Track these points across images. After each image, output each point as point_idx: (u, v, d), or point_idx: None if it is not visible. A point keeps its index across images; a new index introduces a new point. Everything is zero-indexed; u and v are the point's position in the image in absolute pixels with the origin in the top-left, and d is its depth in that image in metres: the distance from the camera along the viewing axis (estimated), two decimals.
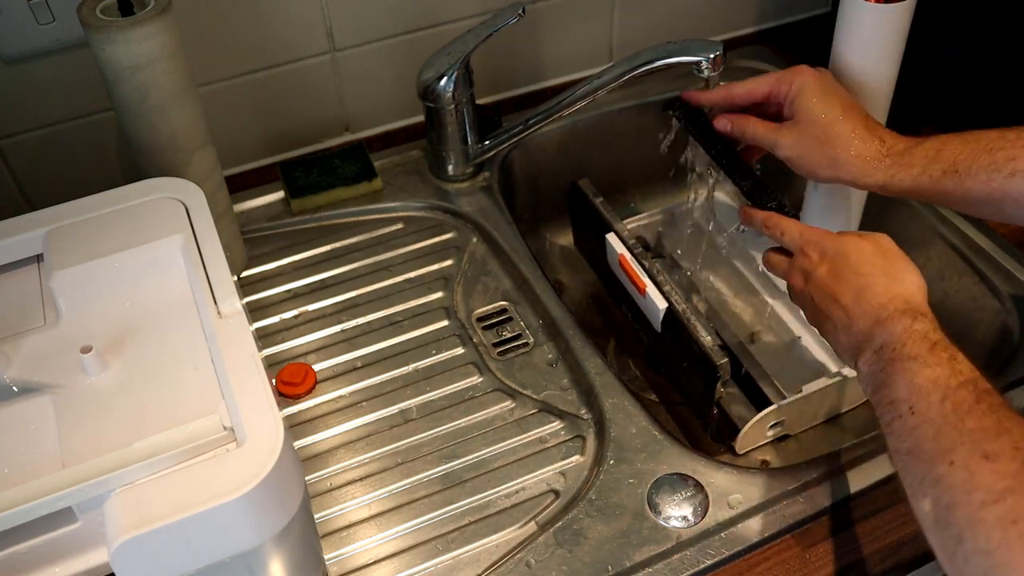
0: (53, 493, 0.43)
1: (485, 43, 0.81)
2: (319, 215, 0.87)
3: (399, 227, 0.87)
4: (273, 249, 0.84)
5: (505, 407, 0.71)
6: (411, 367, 0.74)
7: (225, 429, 0.47)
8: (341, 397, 0.72)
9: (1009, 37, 0.89)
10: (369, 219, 0.87)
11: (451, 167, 0.89)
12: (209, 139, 0.75)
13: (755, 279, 0.90)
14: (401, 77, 0.93)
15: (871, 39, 0.71)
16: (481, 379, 0.73)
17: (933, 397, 0.50)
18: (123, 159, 0.87)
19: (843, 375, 0.76)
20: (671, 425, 0.84)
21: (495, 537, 0.62)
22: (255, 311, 0.79)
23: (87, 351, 0.50)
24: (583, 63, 1.02)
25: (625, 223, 0.83)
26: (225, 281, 0.54)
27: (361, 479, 0.67)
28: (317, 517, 0.64)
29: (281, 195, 0.89)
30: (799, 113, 0.69)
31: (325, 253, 0.84)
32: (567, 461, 0.67)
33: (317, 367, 0.74)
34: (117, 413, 0.49)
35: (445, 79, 0.83)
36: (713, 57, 0.74)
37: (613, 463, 0.66)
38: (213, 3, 0.81)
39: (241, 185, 0.90)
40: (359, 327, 0.78)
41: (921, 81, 0.85)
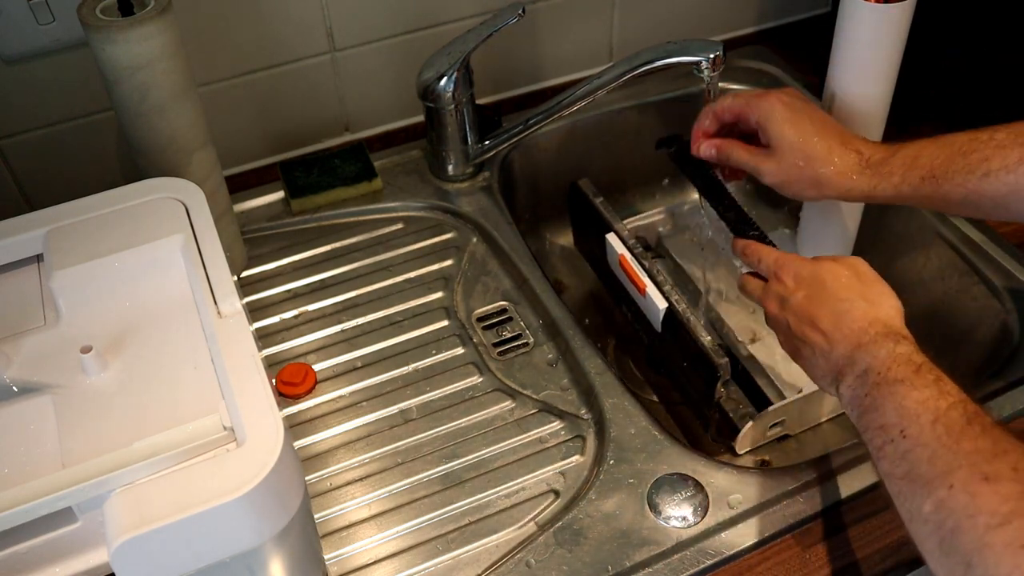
0: (53, 493, 0.43)
1: (485, 43, 0.81)
2: (319, 215, 0.87)
3: (399, 227, 0.87)
4: (273, 249, 0.84)
5: (505, 407, 0.71)
6: (411, 367, 0.74)
7: (225, 429, 0.47)
8: (341, 397, 0.72)
9: (1009, 37, 0.89)
10: (369, 219, 0.87)
11: (451, 167, 0.89)
12: (209, 139, 0.75)
13: None
14: (401, 77, 0.93)
15: (871, 39, 0.71)
16: (481, 379, 0.73)
17: (924, 419, 0.49)
18: (123, 159, 0.87)
19: None
20: (671, 425, 0.84)
21: (495, 537, 0.62)
22: (255, 311, 0.79)
23: (87, 351, 0.50)
24: (583, 63, 1.02)
25: (625, 223, 0.83)
26: (225, 281, 0.54)
27: (361, 479, 0.67)
28: (317, 517, 0.64)
29: (281, 195, 0.89)
30: (773, 140, 0.70)
31: (325, 253, 0.84)
32: (567, 461, 0.67)
33: (317, 367, 0.74)
34: (117, 413, 0.49)
35: (445, 79, 0.83)
36: (713, 57, 0.74)
37: (613, 463, 0.66)
38: (213, 3, 0.81)
39: (241, 185, 0.90)
40: (359, 327, 0.78)
41: (921, 81, 0.85)
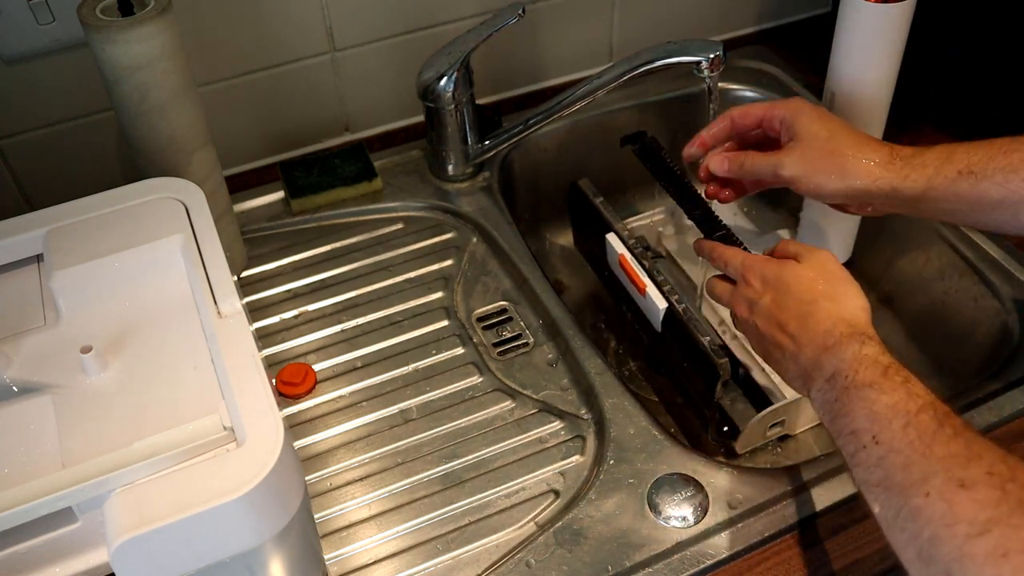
0: (53, 493, 0.43)
1: (485, 43, 0.81)
2: (319, 215, 0.87)
3: (399, 227, 0.87)
4: (273, 249, 0.84)
5: (505, 407, 0.71)
6: (411, 367, 0.74)
7: (225, 429, 0.47)
8: (341, 397, 0.72)
9: (1009, 37, 0.89)
10: (369, 219, 0.87)
11: (451, 167, 0.89)
12: (209, 139, 0.75)
13: None
14: (401, 77, 0.93)
15: (871, 39, 0.71)
16: (481, 379, 0.73)
17: (895, 424, 0.49)
18: (123, 159, 0.87)
19: None
20: (671, 425, 0.84)
21: (495, 537, 0.62)
22: (255, 311, 0.79)
23: (87, 351, 0.50)
24: (583, 63, 1.02)
25: (625, 223, 0.83)
26: (225, 281, 0.54)
27: (361, 479, 0.67)
28: (317, 517, 0.64)
29: (281, 195, 0.89)
30: (799, 132, 0.67)
31: (325, 253, 0.84)
32: (567, 461, 0.67)
33: (317, 367, 0.74)
34: (117, 413, 0.49)
35: (445, 79, 0.83)
36: (713, 57, 0.74)
37: (613, 463, 0.66)
38: (213, 3, 0.81)
39: (241, 185, 0.90)
40: (359, 327, 0.78)
41: (921, 81, 0.85)
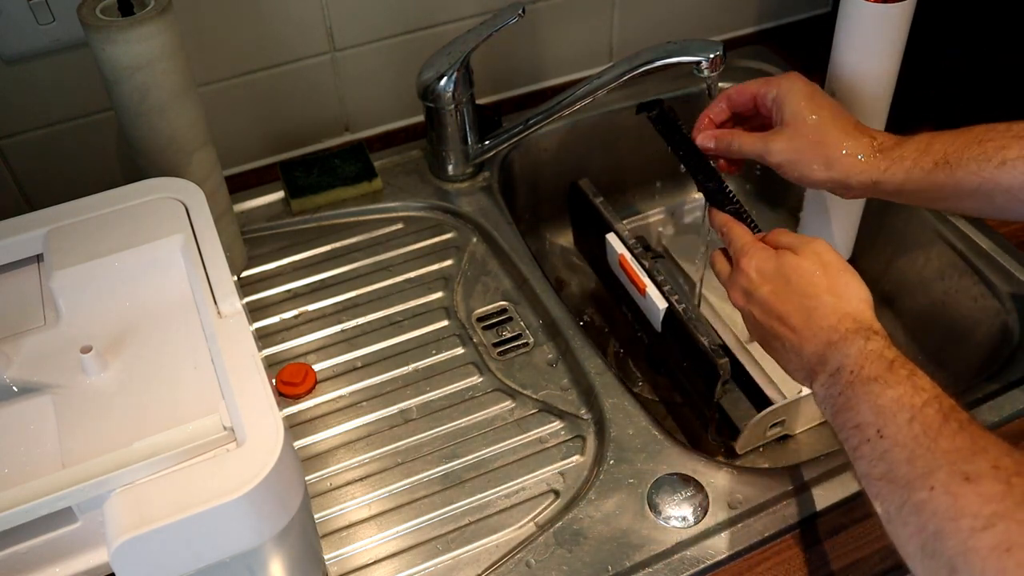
0: (53, 493, 0.43)
1: (485, 43, 0.81)
2: (319, 215, 0.87)
3: (399, 227, 0.87)
4: (273, 249, 0.84)
5: (505, 407, 0.71)
6: (411, 367, 0.74)
7: (225, 429, 0.47)
8: (341, 397, 0.72)
9: (1009, 37, 0.89)
10: (369, 219, 0.87)
11: (451, 167, 0.89)
12: (209, 139, 0.75)
13: None
14: (401, 77, 0.93)
15: (871, 39, 0.71)
16: (481, 379, 0.73)
17: (900, 418, 0.49)
18: (123, 159, 0.87)
19: None
20: (671, 425, 0.84)
21: (495, 537, 0.62)
22: (255, 311, 0.79)
23: (87, 351, 0.50)
24: (583, 63, 1.02)
25: (625, 223, 0.83)
26: (225, 281, 0.54)
27: (361, 479, 0.67)
28: (317, 517, 0.64)
29: (281, 195, 0.89)
30: (788, 116, 0.68)
31: (325, 253, 0.84)
32: (567, 461, 0.67)
33: (317, 367, 0.74)
34: (117, 413, 0.49)
35: (445, 79, 0.83)
36: (713, 57, 0.74)
37: (613, 463, 0.66)
38: (213, 3, 0.81)
39: (241, 185, 0.90)
40: (359, 327, 0.78)
41: (921, 81, 0.85)
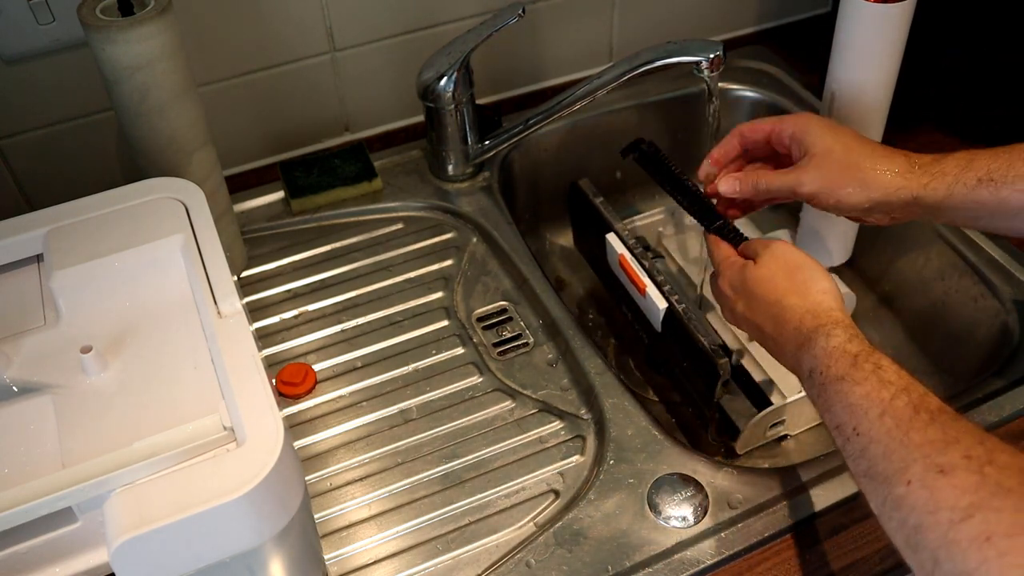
0: (53, 493, 0.43)
1: (485, 43, 0.81)
2: (319, 215, 0.87)
3: (399, 227, 0.87)
4: (273, 249, 0.84)
5: (505, 407, 0.71)
6: (411, 367, 0.74)
7: (225, 429, 0.47)
8: (341, 397, 0.72)
9: (1009, 37, 0.89)
10: (369, 219, 0.87)
11: (451, 167, 0.89)
12: (209, 139, 0.75)
13: None
14: (401, 77, 0.93)
15: (871, 39, 0.71)
16: (481, 379, 0.73)
17: (871, 414, 0.49)
18: (123, 159, 0.87)
19: None
20: (671, 425, 0.84)
21: (495, 537, 0.62)
22: (255, 311, 0.79)
23: (87, 351, 0.50)
24: (583, 63, 1.02)
25: (625, 223, 0.83)
26: (225, 281, 0.54)
27: (361, 479, 0.67)
28: (317, 517, 0.64)
29: (281, 195, 0.89)
30: (812, 148, 0.66)
31: (325, 253, 0.84)
32: (567, 461, 0.67)
33: (317, 367, 0.74)
34: (117, 413, 0.49)
35: (445, 79, 0.83)
36: (713, 57, 0.74)
37: (613, 463, 0.66)
38: (213, 3, 0.81)
39: (241, 185, 0.90)
40: (359, 327, 0.78)
41: (921, 80, 0.85)
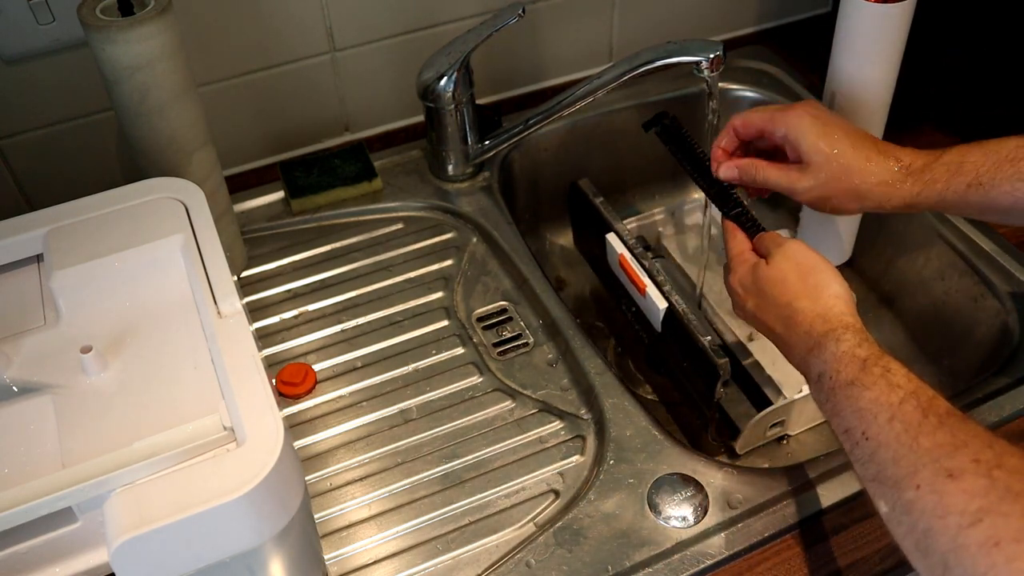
0: (53, 493, 0.43)
1: (485, 43, 0.81)
2: (319, 215, 0.87)
3: (399, 227, 0.87)
4: (273, 249, 0.84)
5: (505, 407, 0.71)
6: (411, 367, 0.74)
7: (225, 429, 0.47)
8: (341, 397, 0.72)
9: (1009, 37, 0.89)
10: (369, 219, 0.87)
11: (451, 167, 0.89)
12: (209, 139, 0.75)
13: None
14: (401, 77, 0.93)
15: (871, 39, 0.71)
16: (481, 379, 0.73)
17: (881, 419, 0.49)
18: (123, 159, 0.87)
19: None
20: (671, 425, 0.84)
21: (495, 537, 0.62)
22: (255, 311, 0.79)
23: (87, 351, 0.50)
24: (583, 63, 1.02)
25: (625, 223, 0.83)
26: (225, 281, 0.54)
27: (361, 479, 0.67)
28: (317, 517, 0.64)
29: (281, 195, 0.89)
30: (807, 156, 0.66)
31: (325, 253, 0.84)
32: (567, 461, 0.67)
33: (317, 367, 0.74)
34: (117, 413, 0.49)
35: (445, 79, 0.83)
36: (713, 57, 0.74)
37: (613, 463, 0.66)
38: (213, 3, 0.81)
39: (241, 185, 0.90)
40: (359, 327, 0.78)
41: (921, 80, 0.85)
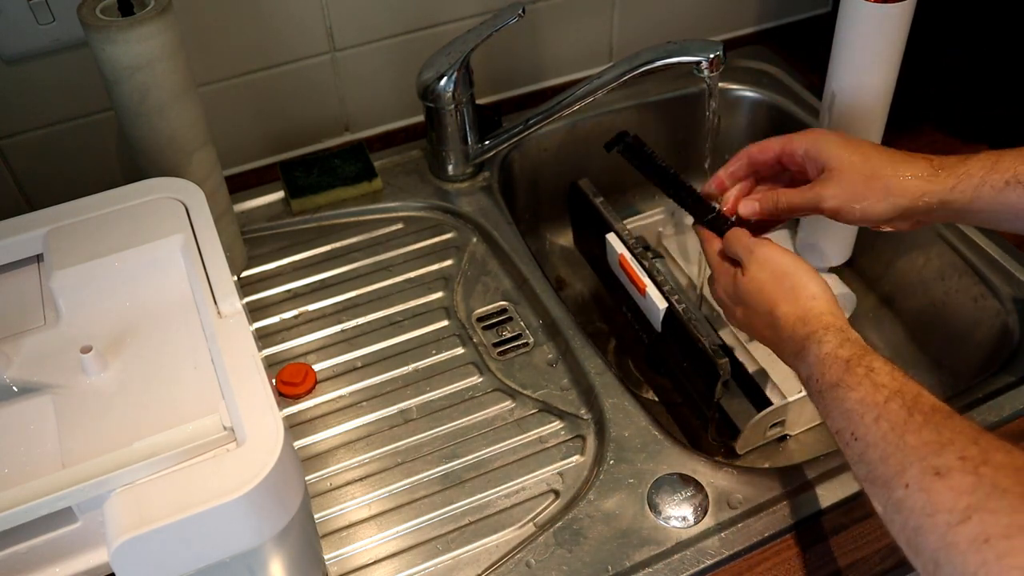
0: (53, 493, 0.43)
1: (485, 43, 0.81)
2: (319, 215, 0.87)
3: (399, 227, 0.87)
4: (273, 249, 0.84)
5: (505, 407, 0.71)
6: (411, 367, 0.74)
7: (225, 429, 0.47)
8: (341, 397, 0.72)
9: (1009, 37, 0.89)
10: (369, 219, 0.87)
11: (451, 167, 0.89)
12: (209, 139, 0.75)
13: None
14: (401, 77, 0.93)
15: (871, 39, 0.71)
16: (481, 379, 0.73)
17: (867, 419, 0.49)
18: (123, 159, 0.87)
19: None
20: (671, 425, 0.84)
21: (495, 537, 0.62)
22: (255, 311, 0.79)
23: (87, 351, 0.50)
24: (583, 63, 1.02)
25: (625, 223, 0.83)
26: (225, 281, 0.54)
27: (361, 479, 0.67)
28: (317, 517, 0.64)
29: (281, 195, 0.89)
30: (829, 162, 0.65)
31: (325, 253, 0.84)
32: (567, 461, 0.67)
33: (317, 367, 0.74)
34: (117, 413, 0.49)
35: (445, 79, 0.83)
36: (713, 57, 0.74)
37: (613, 463, 0.66)
38: (213, 3, 0.81)
39: (241, 185, 0.90)
40: (359, 327, 0.78)
41: (921, 80, 0.85)
